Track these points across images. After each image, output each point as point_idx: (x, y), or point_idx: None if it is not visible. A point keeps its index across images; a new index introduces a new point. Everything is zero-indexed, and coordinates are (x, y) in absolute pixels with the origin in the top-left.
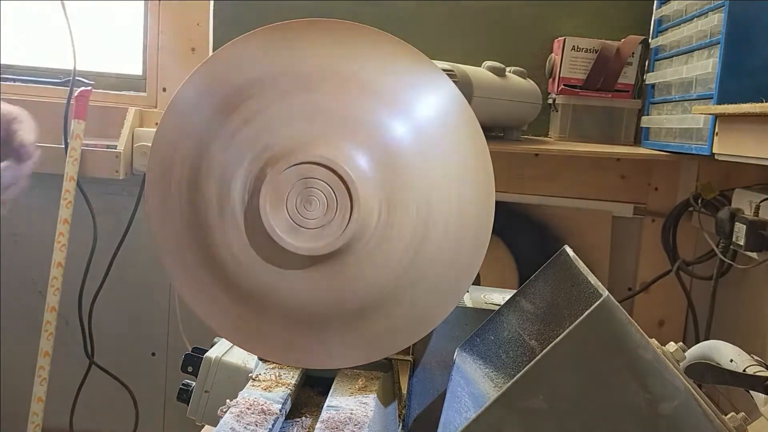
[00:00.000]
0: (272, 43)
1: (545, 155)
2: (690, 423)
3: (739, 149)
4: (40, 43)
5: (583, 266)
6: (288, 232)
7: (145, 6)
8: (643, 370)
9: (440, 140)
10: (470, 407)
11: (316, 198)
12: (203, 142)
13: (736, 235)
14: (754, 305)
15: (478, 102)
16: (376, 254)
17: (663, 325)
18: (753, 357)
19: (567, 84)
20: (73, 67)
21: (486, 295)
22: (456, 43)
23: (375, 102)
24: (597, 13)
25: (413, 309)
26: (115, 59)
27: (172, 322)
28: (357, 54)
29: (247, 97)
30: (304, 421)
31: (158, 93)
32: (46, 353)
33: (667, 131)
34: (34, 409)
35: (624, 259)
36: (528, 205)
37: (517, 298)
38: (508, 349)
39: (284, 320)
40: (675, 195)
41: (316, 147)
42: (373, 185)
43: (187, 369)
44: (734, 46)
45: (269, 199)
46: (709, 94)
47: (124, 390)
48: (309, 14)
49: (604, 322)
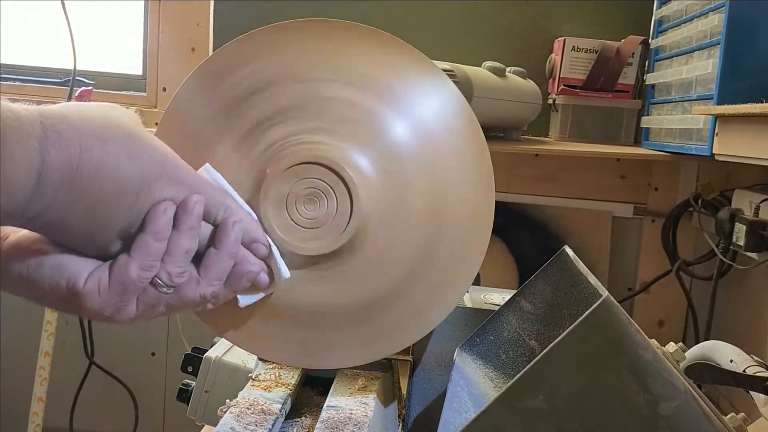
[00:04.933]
0: (272, 43)
1: (545, 155)
2: (690, 423)
3: (739, 149)
4: (40, 43)
5: (583, 266)
6: (288, 231)
7: (145, 6)
8: (643, 370)
9: (440, 140)
10: (470, 407)
11: (316, 198)
12: (203, 142)
13: (736, 236)
14: (754, 305)
15: (478, 102)
16: (376, 254)
17: (663, 325)
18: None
19: (567, 84)
20: (73, 67)
21: (486, 295)
22: (456, 43)
23: (375, 102)
24: (597, 13)
25: (413, 309)
26: (115, 59)
27: (172, 322)
28: (357, 53)
29: (247, 97)
30: (304, 421)
31: (158, 93)
32: (46, 353)
33: (667, 131)
34: (34, 409)
35: (624, 259)
36: (528, 205)
37: (517, 298)
38: (508, 349)
39: (284, 320)
40: (675, 195)
41: (316, 147)
42: (373, 185)
43: (187, 369)
44: (734, 46)
45: (269, 199)
46: (709, 94)
47: (124, 390)
48: (309, 14)
49: (604, 322)
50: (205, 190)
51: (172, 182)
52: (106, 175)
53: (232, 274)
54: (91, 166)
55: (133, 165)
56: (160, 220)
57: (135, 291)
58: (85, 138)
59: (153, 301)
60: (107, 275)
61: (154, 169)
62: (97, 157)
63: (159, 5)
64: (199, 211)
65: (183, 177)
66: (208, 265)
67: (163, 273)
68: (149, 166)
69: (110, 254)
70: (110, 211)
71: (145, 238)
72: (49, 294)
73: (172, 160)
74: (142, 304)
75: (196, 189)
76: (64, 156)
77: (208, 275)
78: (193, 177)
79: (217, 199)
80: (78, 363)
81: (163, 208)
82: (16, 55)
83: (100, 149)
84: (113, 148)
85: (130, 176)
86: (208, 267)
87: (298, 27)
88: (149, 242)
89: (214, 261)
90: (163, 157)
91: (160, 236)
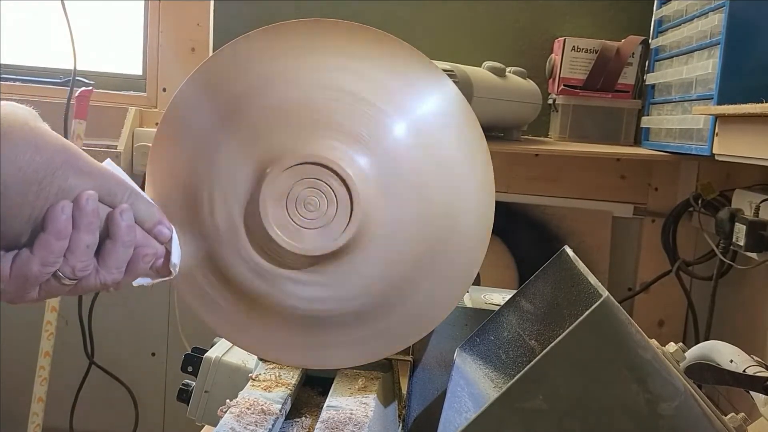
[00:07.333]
0: (272, 44)
1: (545, 155)
2: (690, 423)
3: (739, 149)
4: (40, 43)
5: (583, 266)
6: (288, 232)
7: (145, 6)
8: (643, 370)
9: (440, 140)
10: (470, 407)
11: (316, 198)
12: (203, 142)
13: (736, 236)
14: (754, 305)
15: (478, 102)
16: (376, 254)
17: (663, 325)
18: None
19: (567, 84)
20: (73, 67)
21: (486, 295)
22: (456, 43)
23: (375, 102)
24: (597, 13)
25: (413, 309)
26: (115, 59)
27: (171, 322)
28: (357, 54)
29: (247, 97)
30: (304, 421)
31: (158, 93)
32: (46, 353)
33: (667, 131)
34: (34, 409)
35: (624, 259)
36: (528, 205)
37: (517, 298)
38: (508, 349)
39: (284, 320)
40: (675, 195)
41: (316, 147)
42: (373, 185)
43: (187, 369)
44: (734, 46)
45: (269, 199)
46: (709, 94)
47: (124, 390)
48: (309, 15)
49: (604, 322)
50: (107, 179)
51: (74, 171)
52: (7, 165)
53: (131, 259)
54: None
55: (34, 155)
56: (60, 219)
57: (36, 283)
58: None
59: (54, 290)
60: (9, 266)
61: (55, 157)
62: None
63: (159, 5)
64: (93, 206)
65: (84, 166)
66: (105, 255)
67: (67, 268)
68: (50, 155)
69: (18, 244)
70: (15, 200)
71: (46, 237)
72: None
73: (74, 151)
74: (44, 292)
75: (97, 178)
76: None
77: (107, 264)
78: (95, 167)
79: (115, 189)
80: (78, 363)
81: (61, 207)
82: (16, 55)
83: (3, 138)
84: (12, 138)
85: (31, 165)
86: (106, 257)
87: (298, 27)
88: (51, 241)
89: (110, 251)
90: (62, 148)
91: (60, 235)
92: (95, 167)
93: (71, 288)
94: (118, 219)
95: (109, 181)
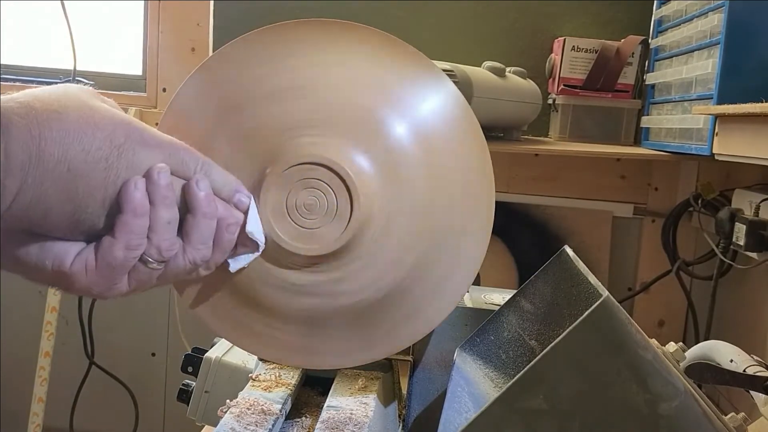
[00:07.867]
0: (272, 44)
1: (545, 155)
2: (690, 423)
3: (739, 149)
4: (40, 43)
5: (583, 266)
6: (288, 232)
7: (145, 6)
8: (643, 370)
9: (440, 140)
10: (470, 407)
11: (316, 198)
12: (203, 143)
13: (736, 236)
14: (754, 305)
15: (478, 102)
16: (376, 254)
17: (663, 325)
18: (753, 357)
19: (567, 84)
20: (73, 67)
21: (486, 295)
22: (456, 43)
23: (375, 102)
24: (597, 13)
25: (413, 309)
26: (115, 59)
27: (171, 322)
28: (357, 54)
29: (247, 97)
30: (304, 421)
31: (158, 93)
32: (46, 353)
33: (667, 131)
34: (34, 409)
35: (624, 259)
36: (528, 205)
37: (517, 298)
38: (508, 349)
39: (284, 320)
40: (675, 195)
41: (315, 147)
42: (373, 185)
43: (187, 369)
44: (734, 46)
45: (269, 199)
46: (709, 94)
47: (124, 390)
48: (309, 15)
49: (604, 322)
50: (176, 150)
51: (140, 144)
52: (70, 143)
53: (216, 232)
54: (53, 137)
55: (96, 131)
56: (134, 195)
57: (123, 270)
58: (39, 113)
59: (144, 276)
60: (93, 256)
61: (118, 132)
62: (57, 127)
63: (159, 5)
64: (165, 179)
65: (150, 139)
66: (189, 230)
67: (152, 249)
68: (112, 130)
69: (97, 233)
70: (85, 182)
71: (124, 217)
72: (33, 271)
73: (136, 124)
74: (134, 281)
75: (166, 150)
76: (23, 134)
77: (191, 241)
78: (163, 138)
79: (187, 159)
80: (78, 363)
81: (134, 183)
82: (16, 55)
83: (58, 120)
84: (71, 117)
85: (93, 143)
86: (189, 232)
87: (298, 27)
88: (130, 220)
89: (192, 226)
90: (125, 122)
91: (138, 212)
92: (163, 139)
93: (161, 274)
94: (195, 190)
95: (179, 152)
